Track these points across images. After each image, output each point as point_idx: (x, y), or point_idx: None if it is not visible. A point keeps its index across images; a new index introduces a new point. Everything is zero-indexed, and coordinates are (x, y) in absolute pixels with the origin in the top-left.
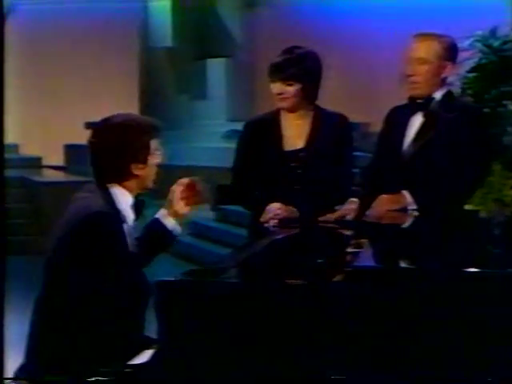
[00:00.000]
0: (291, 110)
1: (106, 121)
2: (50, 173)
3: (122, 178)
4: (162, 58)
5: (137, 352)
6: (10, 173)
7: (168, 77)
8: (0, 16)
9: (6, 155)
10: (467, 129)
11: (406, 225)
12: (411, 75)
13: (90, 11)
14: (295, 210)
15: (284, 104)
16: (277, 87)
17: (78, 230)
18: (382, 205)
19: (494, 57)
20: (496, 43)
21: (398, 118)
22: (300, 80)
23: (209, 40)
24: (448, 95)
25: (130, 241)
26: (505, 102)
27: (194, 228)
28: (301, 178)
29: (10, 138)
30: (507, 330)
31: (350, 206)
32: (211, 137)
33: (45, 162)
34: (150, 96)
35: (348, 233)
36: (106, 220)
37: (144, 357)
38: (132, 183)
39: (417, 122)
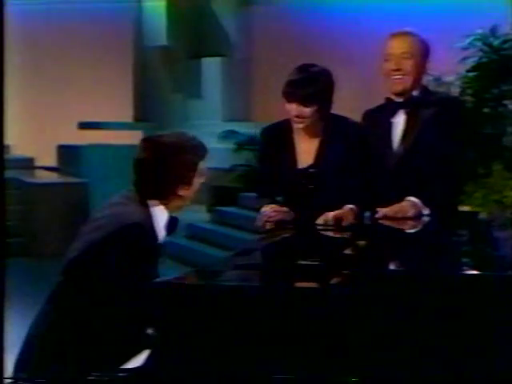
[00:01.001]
0: (306, 129)
1: (159, 137)
2: (42, 174)
3: (164, 197)
4: (157, 56)
5: (134, 354)
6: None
7: (162, 76)
8: (0, 16)
9: None
10: (450, 119)
11: (414, 229)
12: (397, 69)
13: (84, 11)
14: (290, 211)
15: (301, 125)
16: (294, 109)
17: (114, 238)
18: (396, 213)
19: (494, 56)
20: (496, 42)
21: (377, 121)
22: (316, 100)
23: (204, 39)
24: (425, 91)
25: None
26: (505, 102)
27: (190, 230)
28: (312, 193)
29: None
30: (508, 332)
31: (345, 210)
32: (206, 137)
33: (37, 163)
34: (144, 95)
35: (346, 235)
36: (145, 234)
37: (140, 359)
38: (173, 202)
39: (400, 121)
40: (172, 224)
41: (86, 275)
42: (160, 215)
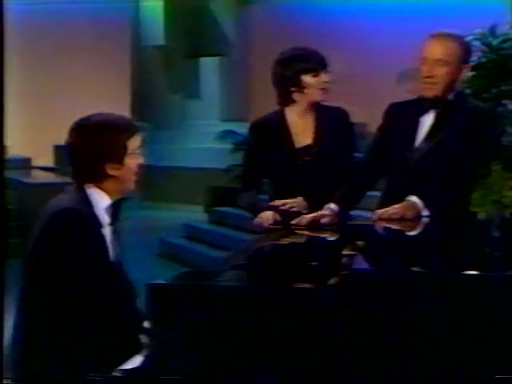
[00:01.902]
0: (301, 112)
1: (82, 120)
2: (39, 174)
3: (97, 179)
4: (155, 56)
5: (129, 355)
6: None
7: (160, 76)
8: (0, 16)
9: None
10: (479, 129)
11: (415, 231)
12: (429, 76)
13: (81, 11)
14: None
15: (325, 96)
16: (325, 77)
17: (48, 226)
18: (396, 214)
19: (493, 55)
20: (495, 42)
21: (404, 115)
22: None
23: (201, 38)
24: (460, 96)
25: (110, 245)
26: (504, 102)
27: (187, 230)
28: (313, 173)
29: None
30: (507, 332)
31: (325, 211)
32: (204, 137)
33: (35, 163)
34: (141, 96)
35: (342, 236)
36: (76, 217)
37: (135, 360)
38: (109, 184)
39: (427, 121)
40: (114, 208)
41: (36, 272)
42: (99, 200)
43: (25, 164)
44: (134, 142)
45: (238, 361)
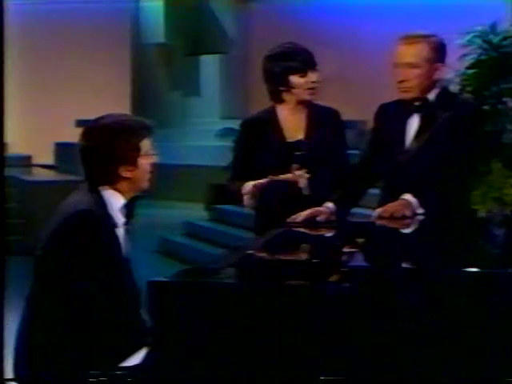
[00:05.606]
0: (292, 109)
1: (94, 122)
2: (40, 172)
3: (111, 181)
4: (155, 54)
5: (131, 352)
6: None
7: (160, 74)
8: (0, 16)
9: None
10: (464, 125)
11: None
12: (403, 81)
13: (83, 9)
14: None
15: (313, 96)
16: (316, 76)
17: (63, 227)
18: (392, 212)
19: (493, 53)
20: (496, 39)
21: (393, 116)
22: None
23: (202, 36)
24: (442, 94)
25: (123, 244)
26: (505, 99)
27: (188, 228)
28: (305, 167)
29: None
30: (507, 330)
31: (322, 208)
32: (204, 135)
33: (35, 161)
34: (142, 93)
35: (340, 233)
36: (92, 219)
37: (137, 358)
38: (123, 186)
39: (415, 121)
40: (128, 208)
41: (48, 271)
42: (114, 200)
43: (25, 162)
44: (147, 143)
45: (239, 358)
